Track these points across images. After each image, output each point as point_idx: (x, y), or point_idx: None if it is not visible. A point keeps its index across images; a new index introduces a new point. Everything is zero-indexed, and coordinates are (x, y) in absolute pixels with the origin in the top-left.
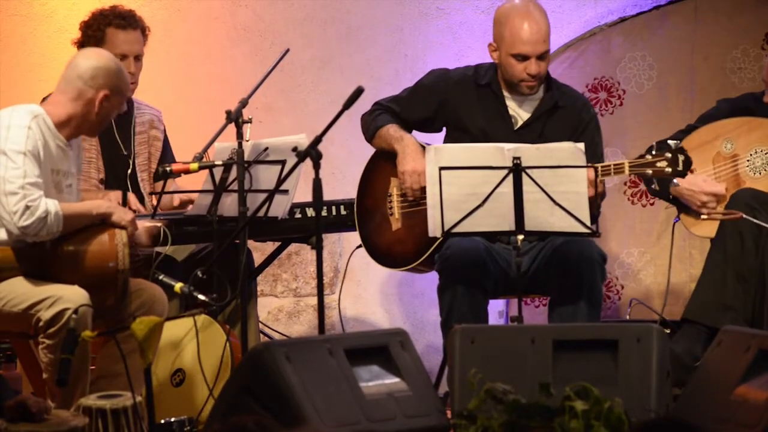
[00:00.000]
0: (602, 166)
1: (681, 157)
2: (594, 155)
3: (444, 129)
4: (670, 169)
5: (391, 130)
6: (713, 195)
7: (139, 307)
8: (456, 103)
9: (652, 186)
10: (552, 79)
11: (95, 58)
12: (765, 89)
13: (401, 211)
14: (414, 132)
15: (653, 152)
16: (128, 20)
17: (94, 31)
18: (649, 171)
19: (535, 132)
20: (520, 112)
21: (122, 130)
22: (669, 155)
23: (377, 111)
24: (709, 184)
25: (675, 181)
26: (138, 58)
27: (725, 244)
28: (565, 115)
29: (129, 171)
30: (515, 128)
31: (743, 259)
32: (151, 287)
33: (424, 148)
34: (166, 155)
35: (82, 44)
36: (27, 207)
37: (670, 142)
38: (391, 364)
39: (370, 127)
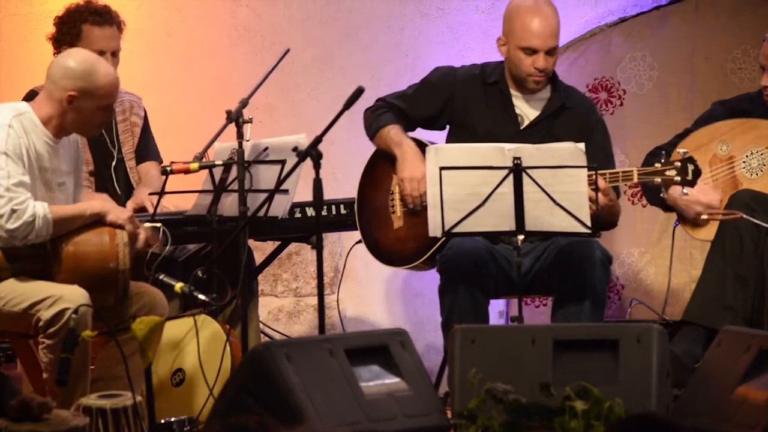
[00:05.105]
0: (610, 173)
1: (690, 167)
2: (607, 158)
3: (447, 127)
4: (679, 178)
5: (392, 133)
6: (708, 206)
7: (139, 311)
8: (462, 101)
9: (661, 193)
10: (558, 80)
11: (69, 58)
12: (763, 73)
13: (403, 209)
14: (418, 130)
15: (662, 160)
16: (104, 16)
17: (70, 28)
18: (658, 179)
19: (541, 132)
20: (527, 111)
21: None
22: (678, 164)
23: (381, 109)
24: (705, 195)
25: (684, 190)
26: (115, 53)
27: (724, 244)
28: (571, 116)
29: (113, 163)
30: (521, 127)
31: (742, 259)
32: (151, 290)
33: (424, 151)
34: (146, 142)
35: (56, 41)
36: (13, 210)
37: (679, 150)
38: (391, 364)
39: (373, 125)
